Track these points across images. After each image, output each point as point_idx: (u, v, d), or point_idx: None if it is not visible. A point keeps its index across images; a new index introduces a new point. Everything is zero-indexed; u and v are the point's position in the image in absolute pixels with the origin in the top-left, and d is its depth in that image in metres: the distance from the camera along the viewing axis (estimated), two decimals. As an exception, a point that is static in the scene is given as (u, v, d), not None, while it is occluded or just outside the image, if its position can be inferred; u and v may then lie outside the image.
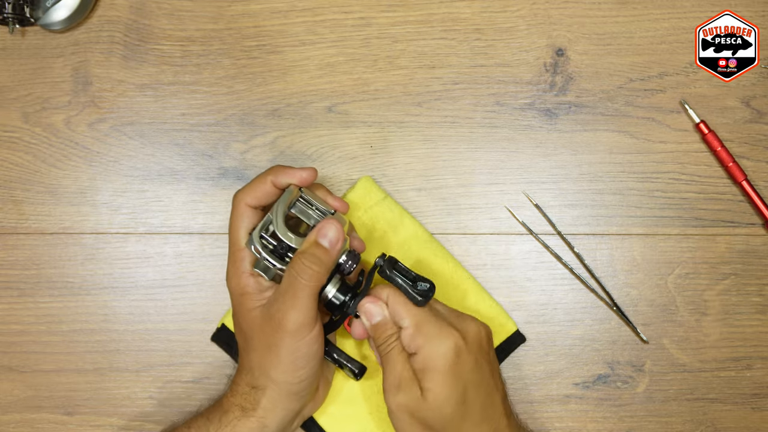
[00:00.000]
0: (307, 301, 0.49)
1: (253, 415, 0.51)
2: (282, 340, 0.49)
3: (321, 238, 0.49)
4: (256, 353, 0.51)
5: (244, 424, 0.51)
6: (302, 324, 0.49)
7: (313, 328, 0.50)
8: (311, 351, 0.50)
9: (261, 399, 0.51)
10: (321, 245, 0.49)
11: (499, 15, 0.63)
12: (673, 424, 0.61)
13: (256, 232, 0.51)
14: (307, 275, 0.49)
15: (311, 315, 0.49)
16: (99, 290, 0.62)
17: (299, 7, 0.63)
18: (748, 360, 0.61)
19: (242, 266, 0.52)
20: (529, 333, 0.61)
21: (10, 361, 0.61)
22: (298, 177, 0.52)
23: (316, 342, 0.50)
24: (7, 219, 0.62)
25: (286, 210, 0.51)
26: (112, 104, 0.62)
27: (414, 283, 0.51)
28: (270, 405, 0.51)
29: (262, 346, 0.51)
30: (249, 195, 0.52)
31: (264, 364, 0.51)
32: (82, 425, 0.61)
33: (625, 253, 0.62)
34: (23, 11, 0.60)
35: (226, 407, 0.52)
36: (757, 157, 0.62)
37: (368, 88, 0.62)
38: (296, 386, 0.51)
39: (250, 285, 0.52)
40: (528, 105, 0.62)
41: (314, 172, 0.52)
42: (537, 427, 0.61)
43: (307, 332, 0.49)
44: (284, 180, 0.52)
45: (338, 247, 0.50)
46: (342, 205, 0.54)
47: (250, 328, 0.51)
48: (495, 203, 0.62)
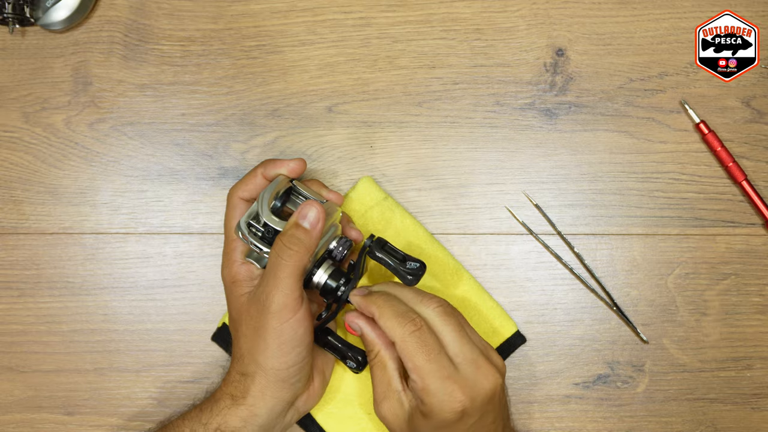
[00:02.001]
0: (289, 281, 0.49)
1: (243, 403, 0.51)
2: (267, 323, 0.49)
3: (301, 219, 0.50)
4: (245, 339, 0.51)
5: (234, 412, 0.51)
6: (285, 305, 0.49)
7: (297, 311, 0.49)
8: (297, 335, 0.50)
9: (250, 387, 0.51)
10: (301, 226, 0.50)
11: (499, 15, 0.63)
12: (673, 424, 0.61)
13: (243, 219, 0.52)
14: (287, 255, 0.49)
15: (294, 296, 0.49)
16: (99, 290, 0.62)
17: (299, 7, 0.63)
18: (748, 360, 0.61)
19: (234, 256, 0.53)
20: (529, 333, 0.61)
21: (10, 361, 0.61)
22: (286, 167, 0.54)
23: (301, 326, 0.50)
24: (7, 219, 0.62)
25: (272, 196, 0.52)
26: (112, 104, 0.62)
27: (403, 262, 0.51)
28: (259, 393, 0.51)
29: (250, 331, 0.51)
30: (241, 188, 0.54)
31: (252, 350, 0.51)
32: (82, 425, 0.61)
33: (625, 253, 0.62)
34: (23, 11, 0.60)
35: (217, 397, 0.52)
36: (757, 157, 0.62)
37: (368, 88, 0.62)
38: (284, 372, 0.51)
39: (240, 273, 0.53)
40: (528, 105, 0.62)
41: (302, 162, 0.54)
42: (537, 427, 0.61)
43: (290, 314, 0.49)
44: (274, 171, 0.54)
45: (319, 227, 0.50)
46: (336, 197, 0.55)
47: (239, 313, 0.52)
48: (495, 203, 0.62)
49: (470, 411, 0.48)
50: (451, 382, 0.48)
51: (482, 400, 0.48)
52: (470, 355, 0.49)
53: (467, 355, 0.49)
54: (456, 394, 0.47)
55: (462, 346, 0.49)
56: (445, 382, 0.48)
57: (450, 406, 0.47)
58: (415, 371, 0.48)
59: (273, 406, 0.52)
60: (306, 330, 0.50)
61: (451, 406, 0.47)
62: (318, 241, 0.50)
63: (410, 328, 0.48)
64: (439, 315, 0.50)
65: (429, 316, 0.50)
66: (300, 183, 0.54)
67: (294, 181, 0.54)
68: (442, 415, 0.48)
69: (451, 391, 0.47)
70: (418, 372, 0.48)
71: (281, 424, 0.54)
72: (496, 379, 0.49)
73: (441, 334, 0.49)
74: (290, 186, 0.54)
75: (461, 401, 0.47)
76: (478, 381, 0.48)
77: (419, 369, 0.48)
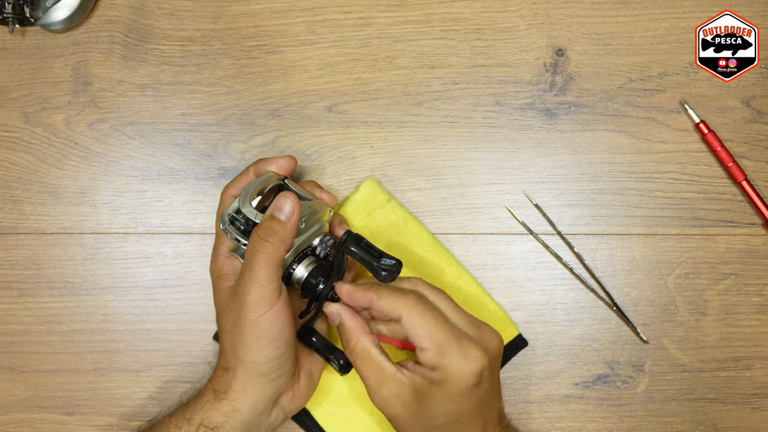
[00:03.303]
0: (264, 272, 0.49)
1: (225, 398, 0.51)
2: (245, 316, 0.49)
3: (276, 211, 0.50)
4: (227, 333, 0.52)
5: (217, 407, 0.51)
6: (261, 297, 0.49)
7: (274, 303, 0.49)
8: (275, 328, 0.50)
9: (232, 381, 0.51)
10: (276, 218, 0.50)
11: (499, 15, 0.63)
12: (673, 424, 0.61)
13: (226, 211, 0.53)
14: (261, 247, 0.49)
15: (270, 288, 0.49)
16: (99, 290, 0.62)
17: (299, 7, 0.63)
18: (748, 360, 0.61)
19: (220, 250, 0.54)
20: (529, 333, 0.61)
21: (10, 361, 0.61)
22: (276, 164, 0.55)
23: (278, 319, 0.50)
24: (7, 219, 0.62)
25: (256, 190, 0.52)
26: (112, 104, 0.62)
27: (379, 258, 0.50)
28: (240, 387, 0.51)
29: (230, 325, 0.51)
30: (233, 186, 0.55)
31: (233, 343, 0.51)
32: (82, 425, 0.61)
33: (625, 253, 0.62)
34: (23, 11, 0.60)
35: (202, 392, 0.53)
36: (757, 157, 0.62)
37: (368, 88, 0.62)
38: (263, 367, 0.50)
39: (225, 267, 0.53)
40: (528, 105, 0.62)
41: (292, 159, 0.55)
42: (537, 427, 0.61)
43: (267, 306, 0.49)
44: (264, 168, 0.55)
45: (294, 219, 0.50)
46: (328, 197, 0.55)
47: (221, 307, 0.52)
48: (495, 203, 0.62)
49: (486, 371, 0.48)
50: (466, 340, 0.48)
51: (494, 359, 0.49)
52: (469, 318, 0.50)
53: (467, 319, 0.50)
54: (472, 351, 0.48)
55: (459, 314, 0.50)
56: (460, 341, 0.48)
57: (469, 366, 0.47)
58: (426, 338, 0.48)
59: (255, 402, 0.51)
60: (284, 324, 0.50)
61: (470, 366, 0.47)
62: (293, 232, 0.50)
63: (413, 297, 0.49)
64: (429, 291, 0.51)
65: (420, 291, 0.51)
66: (292, 182, 0.55)
67: (286, 180, 0.54)
68: (460, 377, 0.47)
69: (468, 349, 0.48)
70: (430, 338, 0.48)
71: (266, 423, 0.53)
72: (499, 337, 0.50)
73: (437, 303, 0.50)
74: (281, 184, 0.54)
75: (479, 359, 0.48)
76: (485, 339, 0.49)
77: (432, 334, 0.48)
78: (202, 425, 0.51)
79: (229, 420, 0.51)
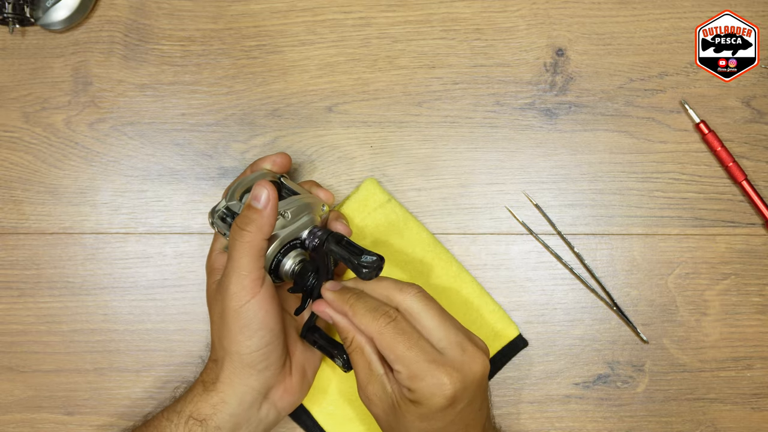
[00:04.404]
0: (244, 261, 0.49)
1: (213, 389, 0.51)
2: (228, 305, 0.50)
3: (253, 201, 0.50)
4: (215, 325, 0.52)
5: (206, 399, 0.51)
6: (242, 286, 0.49)
7: (256, 293, 0.49)
8: (257, 317, 0.50)
9: (220, 373, 0.51)
10: (252, 207, 0.50)
11: (499, 15, 0.63)
12: (673, 424, 0.61)
13: (214, 207, 0.54)
14: (239, 236, 0.49)
15: (252, 277, 0.49)
16: (99, 290, 0.62)
17: (299, 7, 0.63)
18: (748, 360, 0.61)
19: (214, 246, 0.55)
20: (529, 333, 0.61)
21: (10, 361, 0.61)
22: (270, 161, 0.56)
23: (261, 308, 0.50)
24: (7, 219, 0.62)
25: (244, 185, 0.54)
26: (112, 104, 0.62)
27: (360, 255, 0.49)
28: (228, 379, 0.51)
29: (217, 316, 0.51)
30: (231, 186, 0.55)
31: (220, 334, 0.51)
32: (82, 425, 0.61)
33: (625, 253, 0.62)
34: (23, 11, 0.60)
35: (193, 385, 0.53)
36: (757, 157, 0.62)
37: (368, 88, 0.62)
38: (248, 357, 0.50)
39: (217, 262, 0.54)
40: (528, 105, 0.62)
41: (286, 156, 0.56)
42: (537, 427, 0.61)
43: (248, 296, 0.49)
44: (260, 166, 0.56)
45: (270, 207, 0.50)
46: (326, 195, 0.56)
47: (210, 300, 0.53)
48: (495, 203, 0.62)
49: (460, 396, 0.47)
50: (436, 365, 0.46)
51: (472, 384, 0.47)
52: (455, 338, 0.48)
53: (452, 339, 0.48)
54: (443, 378, 0.46)
55: (446, 330, 0.48)
56: (430, 366, 0.46)
57: (440, 390, 0.46)
58: (397, 361, 0.47)
59: (242, 394, 0.51)
60: (267, 313, 0.50)
61: (441, 390, 0.46)
62: (271, 220, 0.50)
63: (384, 321, 0.48)
64: (419, 301, 0.49)
65: (408, 304, 0.49)
66: (288, 179, 0.55)
67: (282, 178, 0.55)
68: (432, 400, 0.46)
69: (439, 375, 0.46)
70: (401, 361, 0.47)
71: (256, 418, 0.53)
72: (483, 362, 0.48)
73: (423, 320, 0.48)
74: (278, 182, 0.55)
75: (451, 385, 0.46)
76: (465, 363, 0.47)
77: (401, 358, 0.47)
78: (191, 417, 0.51)
79: (217, 411, 0.51)
